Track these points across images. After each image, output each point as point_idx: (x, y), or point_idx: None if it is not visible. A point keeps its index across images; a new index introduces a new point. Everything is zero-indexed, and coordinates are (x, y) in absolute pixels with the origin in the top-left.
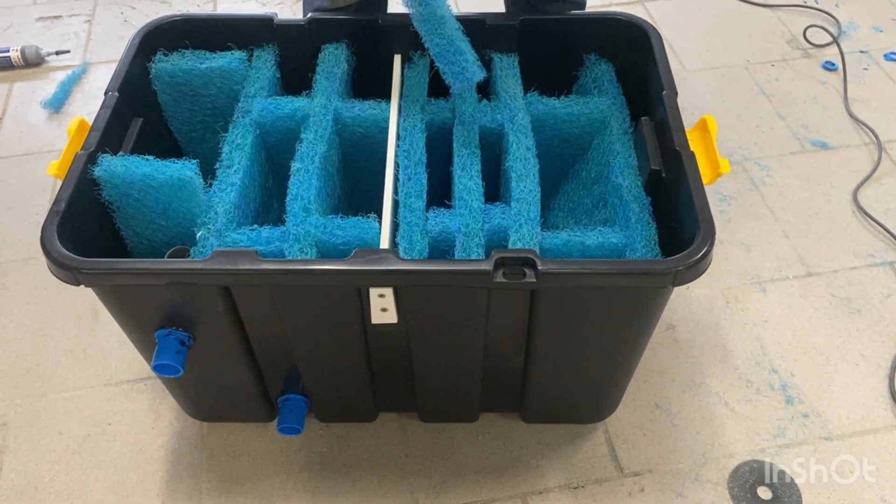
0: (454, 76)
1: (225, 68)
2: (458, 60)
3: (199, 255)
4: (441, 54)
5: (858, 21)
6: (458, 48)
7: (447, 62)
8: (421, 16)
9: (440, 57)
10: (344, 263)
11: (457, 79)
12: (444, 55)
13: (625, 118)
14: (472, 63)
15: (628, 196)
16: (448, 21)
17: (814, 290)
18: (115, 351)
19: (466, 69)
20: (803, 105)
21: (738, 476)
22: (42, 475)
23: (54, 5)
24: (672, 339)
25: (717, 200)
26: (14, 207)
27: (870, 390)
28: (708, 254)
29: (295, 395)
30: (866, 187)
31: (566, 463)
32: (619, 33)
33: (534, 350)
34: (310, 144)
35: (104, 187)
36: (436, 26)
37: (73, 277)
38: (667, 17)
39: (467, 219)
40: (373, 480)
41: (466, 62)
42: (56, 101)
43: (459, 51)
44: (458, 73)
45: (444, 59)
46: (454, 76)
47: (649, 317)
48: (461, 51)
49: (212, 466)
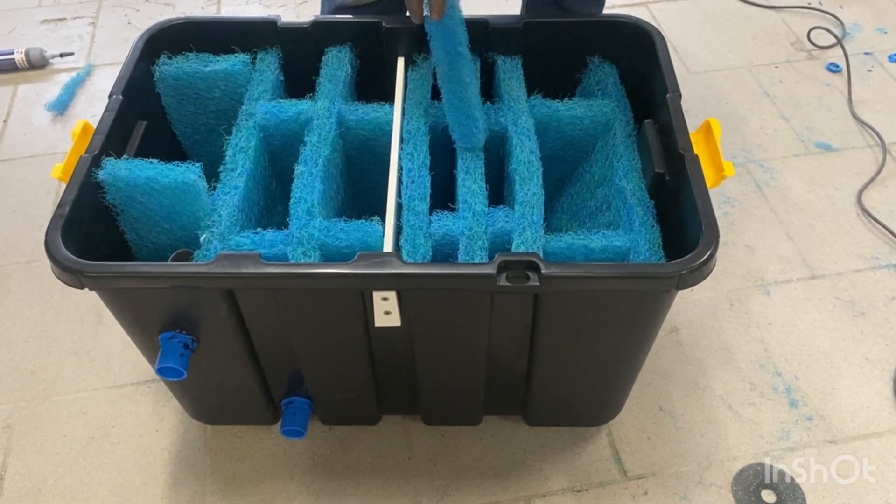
0: (461, 136)
1: (229, 71)
2: (469, 125)
3: (203, 258)
4: (455, 115)
5: (863, 23)
6: (472, 115)
7: (459, 123)
8: (447, 76)
9: (454, 117)
10: (347, 267)
11: (462, 140)
12: (459, 117)
13: (628, 121)
14: (480, 130)
15: (632, 199)
16: (471, 86)
17: (818, 293)
18: (119, 353)
19: (474, 135)
20: (807, 107)
21: (742, 479)
22: (46, 478)
23: (58, 8)
24: (676, 342)
25: (720, 202)
26: (18, 210)
27: (874, 393)
28: (712, 257)
29: (298, 398)
30: (871, 189)
31: (569, 466)
32: (622, 36)
33: (537, 353)
34: (313, 147)
35: (108, 190)
36: (459, 88)
37: (77, 281)
38: (670, 19)
39: (471, 222)
40: (376, 483)
41: (476, 129)
42: (60, 104)
43: (473, 118)
44: (466, 135)
45: (456, 120)
46: (461, 136)
47: (653, 320)
48: (474, 118)
49: (215, 469)
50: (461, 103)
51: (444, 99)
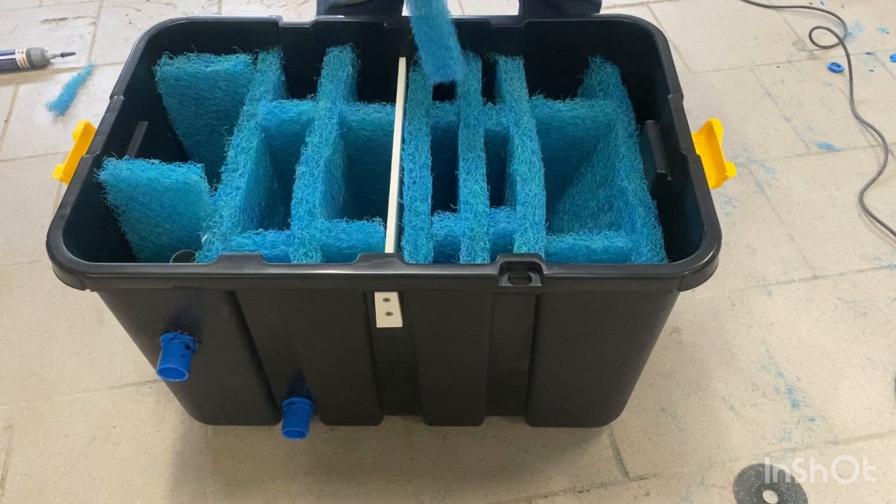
0: (436, 70)
1: (230, 71)
2: (443, 55)
3: (205, 259)
4: (428, 46)
5: (864, 22)
6: (446, 44)
7: (433, 55)
8: (416, 5)
9: (426, 48)
10: (349, 268)
11: (437, 73)
12: (432, 48)
13: (630, 121)
14: (456, 60)
15: (634, 200)
16: (443, 13)
17: (820, 294)
18: (121, 353)
19: (449, 66)
20: (809, 107)
21: (743, 480)
22: (47, 478)
23: (60, 7)
24: (677, 342)
25: (722, 203)
26: (20, 210)
27: (876, 394)
28: (714, 258)
29: (300, 399)
30: (872, 189)
31: (571, 466)
32: (624, 36)
33: (539, 354)
34: (315, 148)
35: (110, 191)
36: (431, 17)
37: (78, 282)
38: (672, 19)
39: (472, 223)
40: (378, 484)
41: (451, 59)
42: (61, 104)
43: (446, 47)
44: (441, 68)
45: (431, 53)
46: (436, 70)
47: (655, 321)
48: (448, 47)
49: (217, 469)
50: (432, 31)
51: (415, 28)
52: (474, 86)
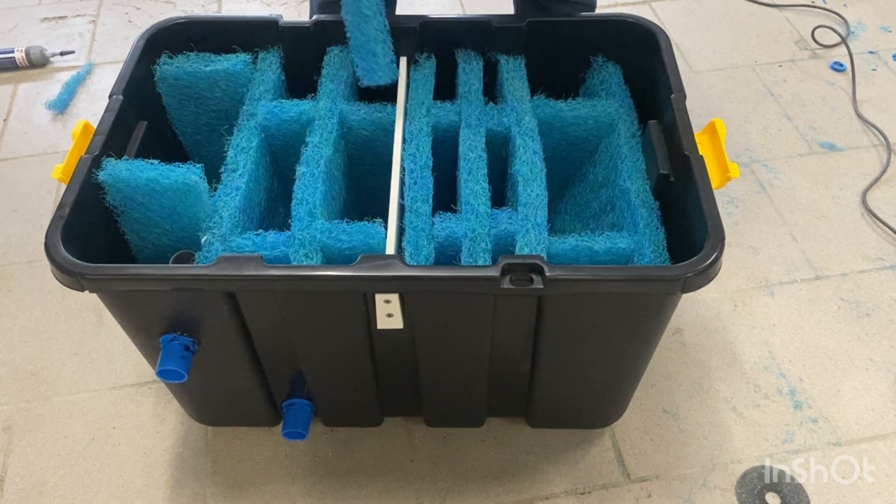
0: (363, 73)
1: (230, 71)
2: (369, 60)
3: (204, 260)
4: (358, 50)
5: (867, 21)
6: (373, 50)
7: (361, 59)
8: (348, 7)
9: (357, 53)
10: (349, 269)
11: (365, 77)
12: (360, 52)
13: (633, 121)
14: (382, 67)
15: (636, 200)
16: (372, 20)
17: (822, 294)
18: (120, 354)
19: (375, 71)
20: (811, 106)
21: (746, 482)
22: (46, 479)
23: (59, 6)
24: (679, 343)
25: (724, 203)
26: (19, 209)
27: (879, 395)
28: (717, 260)
29: (300, 400)
30: (875, 189)
31: (573, 468)
32: (626, 35)
33: (540, 355)
34: (315, 148)
35: (109, 191)
36: (360, 21)
37: (77, 283)
38: (674, 18)
39: (474, 224)
40: (378, 485)
41: (377, 65)
42: (61, 102)
43: (373, 53)
44: (368, 72)
45: (359, 56)
46: (363, 73)
47: (657, 322)
48: (374, 54)
49: (216, 471)
50: (362, 36)
51: (347, 30)
52: (475, 85)
